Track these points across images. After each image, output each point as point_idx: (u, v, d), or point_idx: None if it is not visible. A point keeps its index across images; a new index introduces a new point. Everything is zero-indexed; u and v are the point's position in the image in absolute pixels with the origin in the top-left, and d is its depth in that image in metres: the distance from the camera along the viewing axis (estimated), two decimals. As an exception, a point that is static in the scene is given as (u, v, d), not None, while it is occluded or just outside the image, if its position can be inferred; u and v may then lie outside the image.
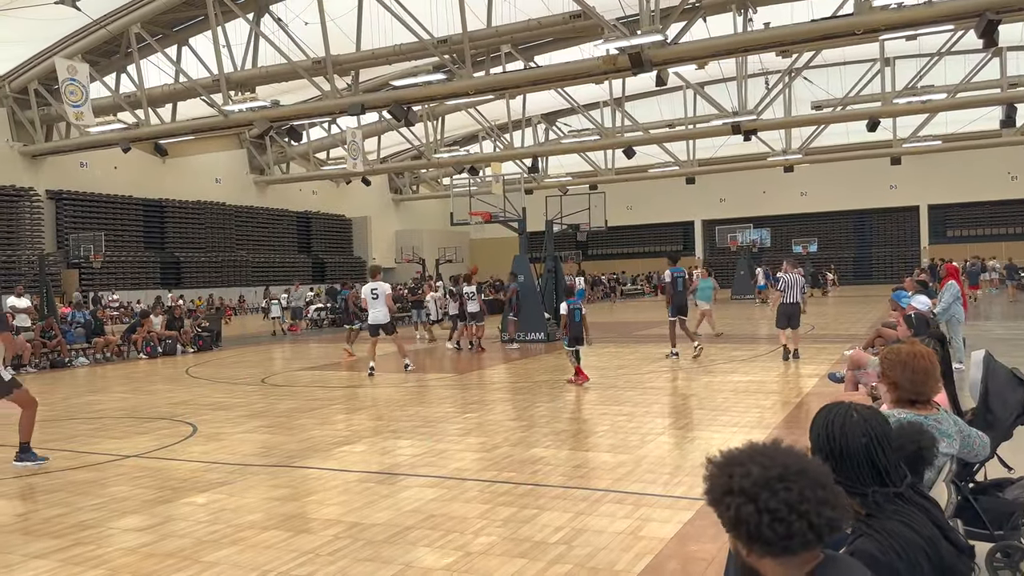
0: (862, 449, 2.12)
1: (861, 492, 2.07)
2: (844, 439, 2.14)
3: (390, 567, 4.31)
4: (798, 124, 32.11)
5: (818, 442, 2.17)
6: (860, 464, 2.11)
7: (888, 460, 2.12)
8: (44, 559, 4.68)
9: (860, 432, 2.13)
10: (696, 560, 4.27)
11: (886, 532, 2.00)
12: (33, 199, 29.24)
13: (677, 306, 13.73)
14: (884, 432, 2.16)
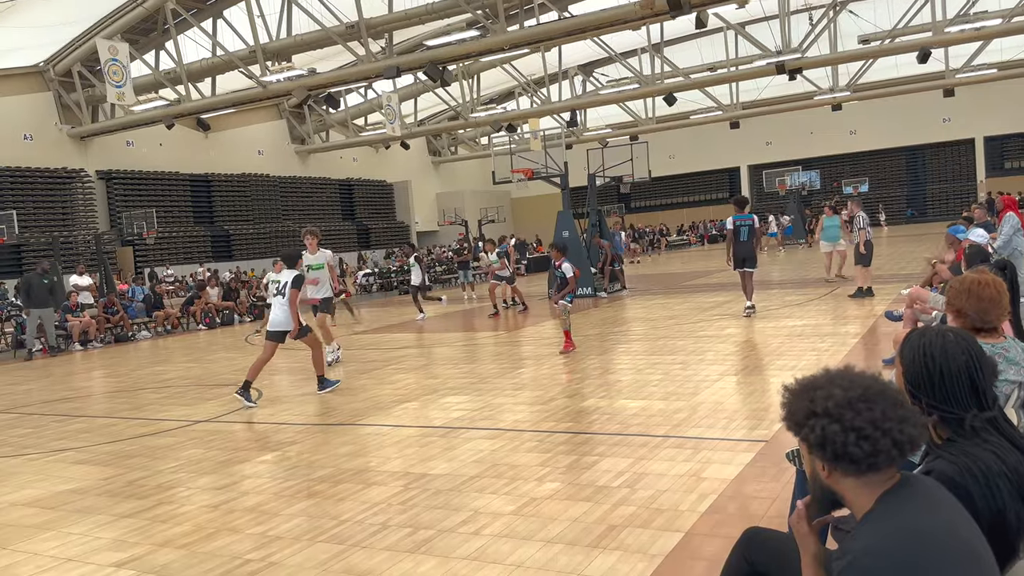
0: (963, 369, 2.07)
1: (958, 416, 2.04)
2: (944, 359, 2.08)
3: (460, 513, 4.46)
4: (845, 60, 31.00)
5: (913, 365, 2.12)
6: (961, 385, 2.07)
7: (986, 380, 2.09)
8: (132, 518, 4.94)
9: (960, 351, 2.09)
10: (759, 499, 4.32)
11: (966, 455, 1.99)
12: (84, 180, 29.97)
13: (741, 257, 12.07)
14: (980, 351, 2.12)
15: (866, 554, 1.60)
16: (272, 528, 4.50)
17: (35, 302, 15.64)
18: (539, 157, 19.92)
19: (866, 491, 1.70)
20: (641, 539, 3.88)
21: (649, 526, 4.03)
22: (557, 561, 3.70)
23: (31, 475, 6.25)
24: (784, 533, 2.47)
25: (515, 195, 45.06)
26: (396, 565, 3.82)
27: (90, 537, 4.66)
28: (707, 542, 3.79)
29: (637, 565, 3.58)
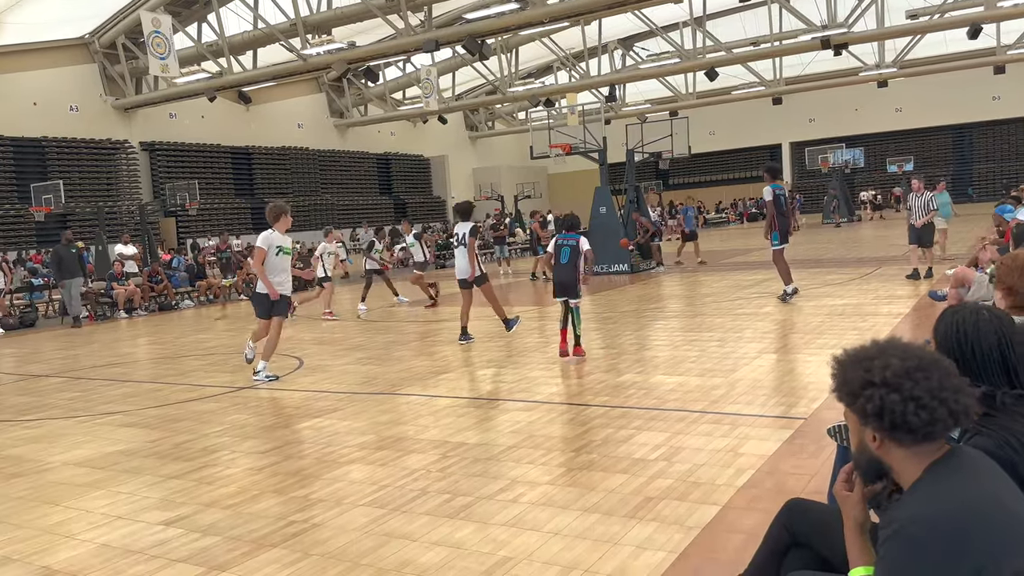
0: (995, 347, 2.12)
1: (990, 392, 2.08)
2: (976, 336, 2.13)
3: (499, 481, 4.52)
4: (892, 35, 30.17)
5: (946, 342, 2.17)
6: (992, 362, 2.11)
7: (1017, 358, 2.12)
8: (179, 479, 5.09)
9: (992, 330, 2.13)
10: (797, 475, 4.32)
11: (1004, 429, 2.01)
12: (128, 151, 30.50)
13: (785, 230, 11.16)
14: (1013, 330, 2.15)
15: (913, 522, 1.60)
16: (314, 491, 4.61)
17: (66, 273, 15.84)
18: (577, 132, 19.79)
19: (915, 461, 1.70)
20: (678, 511, 3.90)
21: (686, 499, 4.06)
22: (594, 530, 3.74)
23: (81, 436, 6.46)
24: (825, 504, 2.48)
25: (552, 171, 44.90)
26: (435, 530, 3.89)
27: (138, 496, 4.82)
28: (744, 515, 3.80)
29: (674, 536, 3.61)
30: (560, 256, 8.10)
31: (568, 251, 8.04)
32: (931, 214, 12.72)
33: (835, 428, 2.97)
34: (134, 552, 3.94)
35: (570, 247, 8.03)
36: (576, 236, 8.09)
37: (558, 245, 8.12)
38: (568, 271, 8.02)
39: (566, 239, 8.10)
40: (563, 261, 8.07)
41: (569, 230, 8.26)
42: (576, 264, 7.97)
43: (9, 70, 27.21)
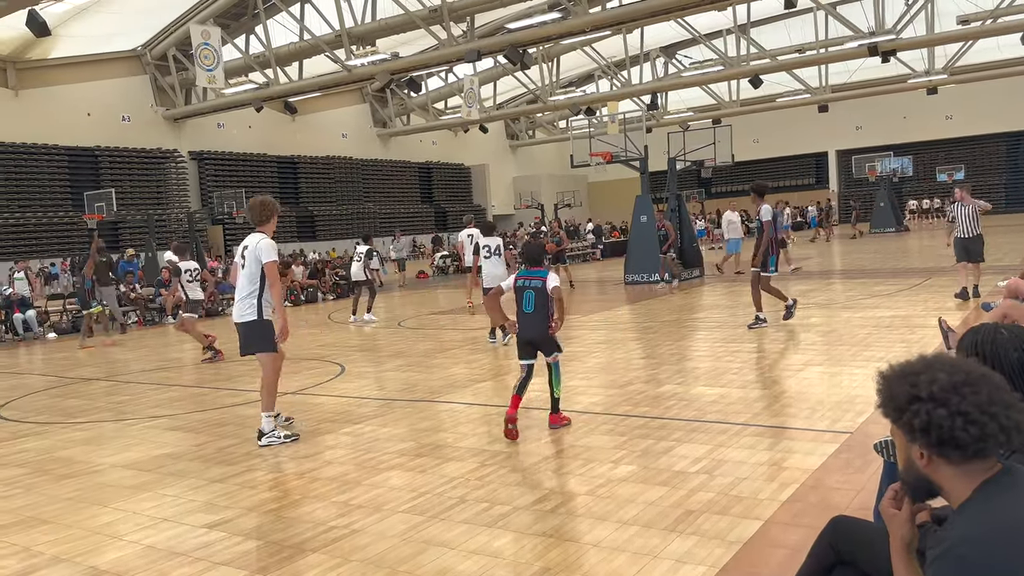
0: (1015, 364, 2.10)
1: None
2: (996, 355, 2.13)
3: (536, 491, 4.51)
4: (942, 41, 29.56)
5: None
6: (1013, 379, 2.07)
7: None
8: (222, 483, 5.17)
9: (1012, 347, 2.12)
10: (842, 490, 4.23)
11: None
12: (178, 160, 31.25)
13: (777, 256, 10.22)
14: None
15: (964, 542, 1.56)
16: (354, 497, 4.64)
17: (100, 280, 16.07)
18: (618, 140, 19.73)
19: (965, 480, 1.65)
20: (719, 525, 3.84)
21: (727, 513, 4.00)
22: (633, 543, 3.70)
23: (130, 439, 6.61)
24: (871, 523, 2.42)
25: (592, 179, 44.86)
26: (473, 538, 3.89)
27: (184, 499, 4.91)
28: (787, 531, 3.73)
29: (715, 551, 3.56)
30: (523, 302, 5.91)
31: (532, 295, 5.87)
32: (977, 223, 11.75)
33: (882, 443, 2.90)
34: (179, 554, 4.01)
35: (534, 289, 5.88)
36: (542, 273, 5.99)
37: (518, 288, 5.93)
38: (536, 322, 5.88)
39: (528, 278, 5.94)
40: (527, 309, 5.87)
41: (532, 264, 6.07)
42: (546, 310, 5.87)
43: (65, 82, 28.10)
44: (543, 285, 5.87)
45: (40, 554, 4.12)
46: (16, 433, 7.21)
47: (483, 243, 10.49)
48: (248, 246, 6.20)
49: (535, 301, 5.89)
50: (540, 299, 5.87)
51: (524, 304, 5.92)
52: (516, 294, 5.98)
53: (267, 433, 6.05)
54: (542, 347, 5.94)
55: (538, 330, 5.89)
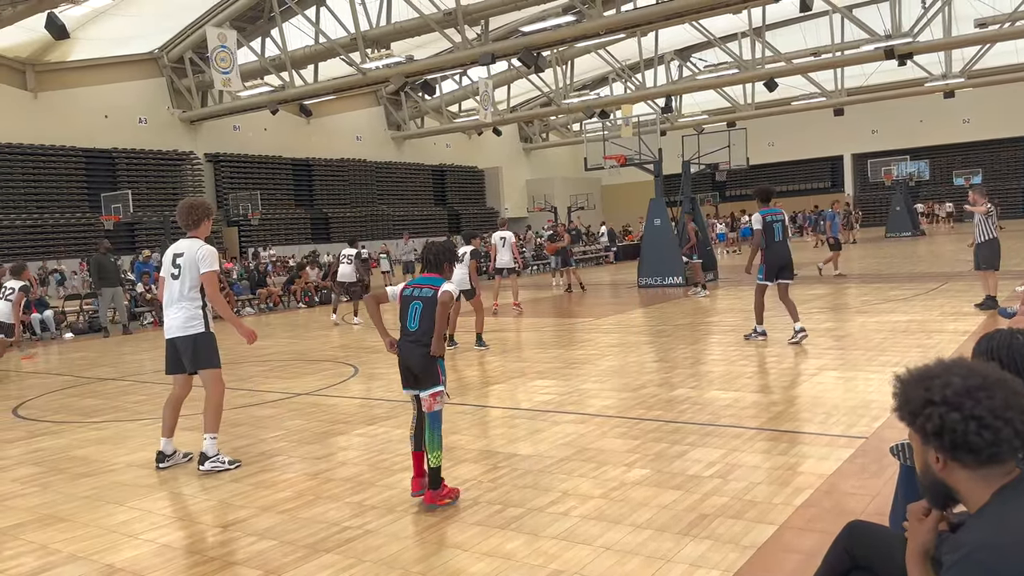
0: None
1: None
2: (1012, 360, 2.14)
3: (549, 494, 4.51)
4: (960, 45, 29.34)
5: None
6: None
7: None
8: (237, 483, 5.20)
9: None
10: (857, 495, 4.20)
11: None
12: (194, 162, 31.47)
13: (778, 265, 9.23)
14: None
15: (981, 548, 1.55)
16: (368, 498, 4.66)
17: (106, 281, 16.07)
18: (632, 143, 19.70)
19: (982, 484, 1.64)
20: (733, 530, 3.83)
21: (741, 517, 3.98)
22: (646, 546, 3.69)
23: (145, 439, 6.65)
24: (887, 528, 2.41)
25: (606, 182, 44.74)
26: (486, 540, 3.89)
27: (198, 499, 4.94)
28: (802, 536, 3.71)
29: (729, 555, 3.55)
30: (407, 317, 4.57)
31: (419, 308, 4.53)
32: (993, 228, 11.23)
33: (899, 446, 2.89)
34: (194, 553, 4.03)
35: (423, 300, 4.54)
36: (436, 281, 4.58)
37: (404, 298, 4.61)
38: (420, 344, 4.49)
39: (419, 286, 4.60)
40: (411, 326, 4.54)
41: (429, 270, 4.71)
42: (430, 326, 4.47)
43: (83, 84, 28.37)
44: (434, 296, 4.49)
45: (57, 552, 4.16)
46: (33, 432, 7.28)
47: (461, 250, 10.72)
48: (183, 253, 5.57)
49: (421, 316, 4.50)
50: (428, 314, 4.48)
51: (408, 319, 4.55)
52: (401, 306, 4.61)
53: (211, 457, 5.52)
54: (419, 378, 4.50)
55: (419, 354, 4.48)
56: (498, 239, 15.22)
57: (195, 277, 5.52)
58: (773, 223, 9.21)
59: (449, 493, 4.46)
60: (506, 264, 15.06)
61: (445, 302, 4.46)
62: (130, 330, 16.48)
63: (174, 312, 5.57)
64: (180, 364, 5.67)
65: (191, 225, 5.67)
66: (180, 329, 5.56)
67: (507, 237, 15.23)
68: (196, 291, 5.54)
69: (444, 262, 4.68)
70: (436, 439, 4.44)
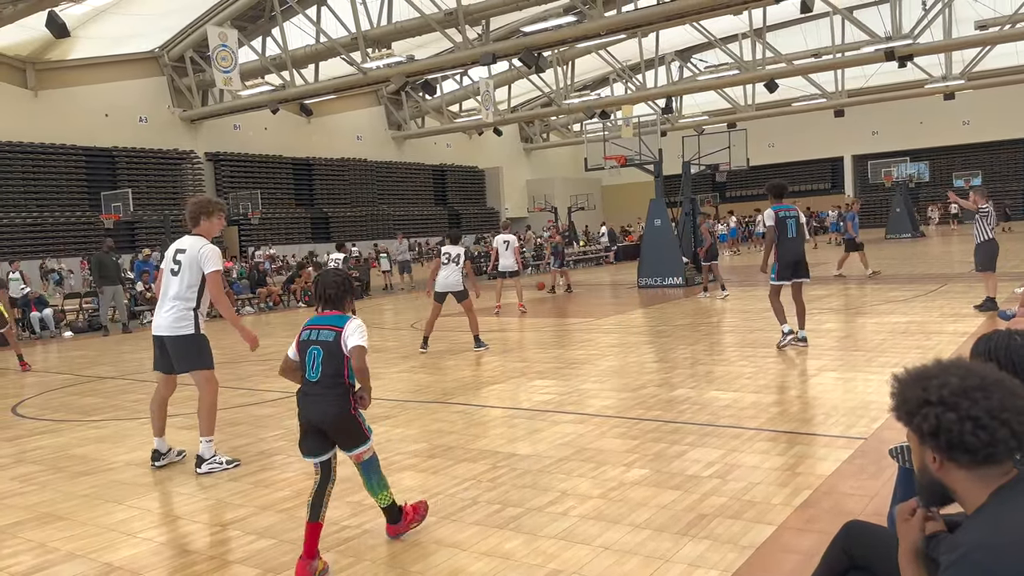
0: None
1: None
2: (1010, 361, 2.13)
3: (549, 493, 4.51)
4: (960, 47, 29.35)
5: None
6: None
7: None
8: (236, 482, 5.20)
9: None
10: (856, 496, 4.20)
11: None
12: (194, 161, 31.47)
13: (793, 261, 8.86)
14: None
15: (978, 548, 1.55)
16: (366, 498, 4.63)
17: (107, 280, 16.03)
18: (632, 144, 19.72)
19: (979, 485, 1.64)
20: (732, 530, 3.83)
21: (740, 517, 3.98)
22: (645, 546, 3.70)
23: (144, 438, 6.64)
24: (885, 528, 2.41)
25: (606, 182, 44.75)
26: (485, 540, 3.90)
27: (197, 498, 4.94)
28: (800, 536, 3.71)
29: (727, 555, 3.55)
30: (308, 366, 3.79)
31: (319, 354, 3.76)
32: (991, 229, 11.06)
33: (897, 448, 2.89)
34: (192, 552, 4.03)
35: (322, 346, 3.76)
36: (338, 321, 3.82)
37: (302, 343, 3.83)
38: (326, 397, 3.76)
39: (318, 327, 3.83)
40: (311, 376, 3.77)
41: (327, 306, 3.90)
42: (341, 379, 3.78)
43: (83, 83, 28.37)
44: (336, 340, 3.74)
45: (55, 550, 4.16)
46: (32, 430, 7.28)
47: (444, 250, 10.68)
48: (185, 250, 5.46)
49: (323, 364, 3.74)
50: (331, 362, 3.74)
51: (308, 368, 3.77)
52: (299, 352, 3.83)
53: (208, 459, 5.44)
54: (337, 438, 3.82)
55: (329, 409, 3.74)
56: (501, 242, 15.33)
57: (194, 276, 5.44)
58: (787, 219, 8.83)
59: (414, 517, 4.05)
60: (508, 267, 15.15)
61: (361, 366, 3.72)
62: (130, 329, 16.47)
63: (165, 310, 5.51)
64: (165, 361, 5.62)
65: (192, 222, 5.63)
66: (168, 328, 5.49)
67: (510, 241, 15.36)
68: (193, 291, 5.46)
69: (344, 296, 3.92)
70: (377, 483, 3.94)
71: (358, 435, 3.86)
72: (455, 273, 10.37)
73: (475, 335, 10.51)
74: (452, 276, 10.37)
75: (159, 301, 5.62)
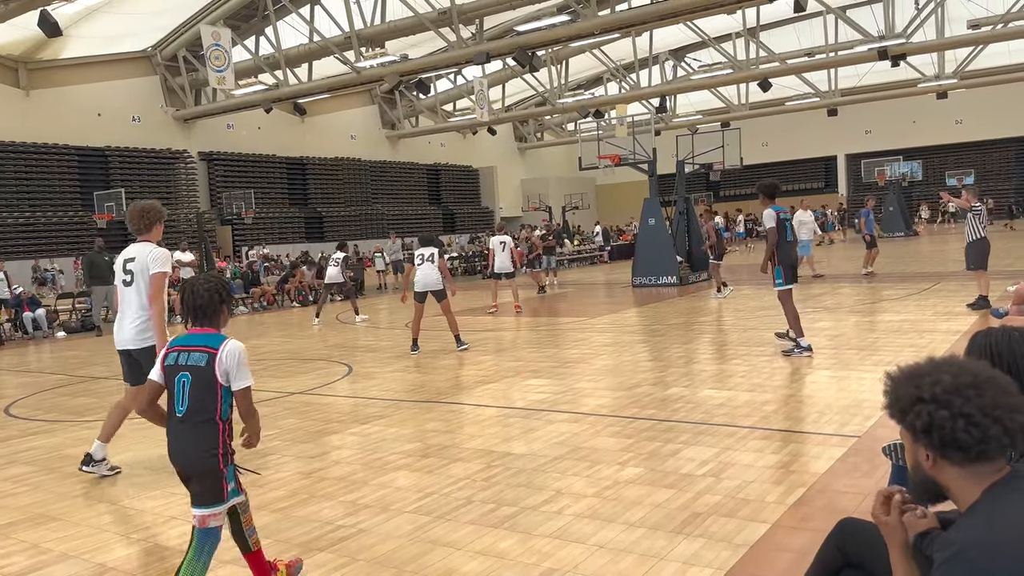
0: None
1: None
2: (1013, 354, 2.11)
3: (543, 492, 4.51)
4: (953, 46, 29.40)
5: None
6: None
7: None
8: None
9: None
10: (850, 494, 4.21)
11: None
12: (187, 161, 31.36)
13: (792, 266, 8.75)
14: None
15: (974, 546, 1.55)
16: (361, 497, 4.65)
17: (98, 279, 15.85)
18: (626, 143, 19.73)
19: (972, 482, 1.65)
20: (726, 528, 3.84)
21: (734, 516, 3.99)
22: (640, 544, 3.70)
23: (137, 438, 6.63)
24: (879, 526, 2.42)
25: (600, 182, 44.81)
26: (480, 539, 3.90)
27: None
28: (794, 535, 3.72)
29: (721, 553, 3.56)
30: (175, 397, 3.16)
31: (188, 382, 3.14)
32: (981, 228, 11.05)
33: (890, 447, 2.90)
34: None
35: (192, 372, 3.13)
36: (211, 341, 3.17)
37: (168, 368, 3.19)
38: (192, 435, 3.13)
39: (187, 348, 3.18)
40: (179, 410, 3.15)
41: (198, 321, 3.26)
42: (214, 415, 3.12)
43: (75, 82, 28.24)
44: (210, 365, 3.09)
45: (48, 551, 4.14)
46: (25, 431, 7.26)
47: (417, 253, 10.60)
48: (134, 258, 5.30)
49: (191, 393, 3.11)
50: (202, 393, 3.10)
51: (176, 398, 3.15)
52: (166, 379, 3.19)
53: (97, 461, 5.50)
54: (192, 487, 3.16)
55: (192, 451, 3.12)
56: (497, 243, 15.45)
57: (148, 282, 5.29)
58: (786, 221, 8.65)
59: None
60: (505, 268, 15.21)
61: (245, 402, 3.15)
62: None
63: (128, 322, 5.35)
64: (135, 374, 5.39)
65: (143, 229, 5.44)
66: (132, 341, 5.35)
67: (506, 242, 15.50)
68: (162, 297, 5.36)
69: (218, 307, 3.24)
70: (200, 569, 3.14)
71: (214, 491, 3.09)
72: (432, 272, 10.30)
73: (455, 335, 10.46)
74: (430, 275, 10.29)
75: (119, 314, 5.49)
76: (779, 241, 8.52)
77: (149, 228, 5.45)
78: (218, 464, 3.10)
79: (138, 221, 5.42)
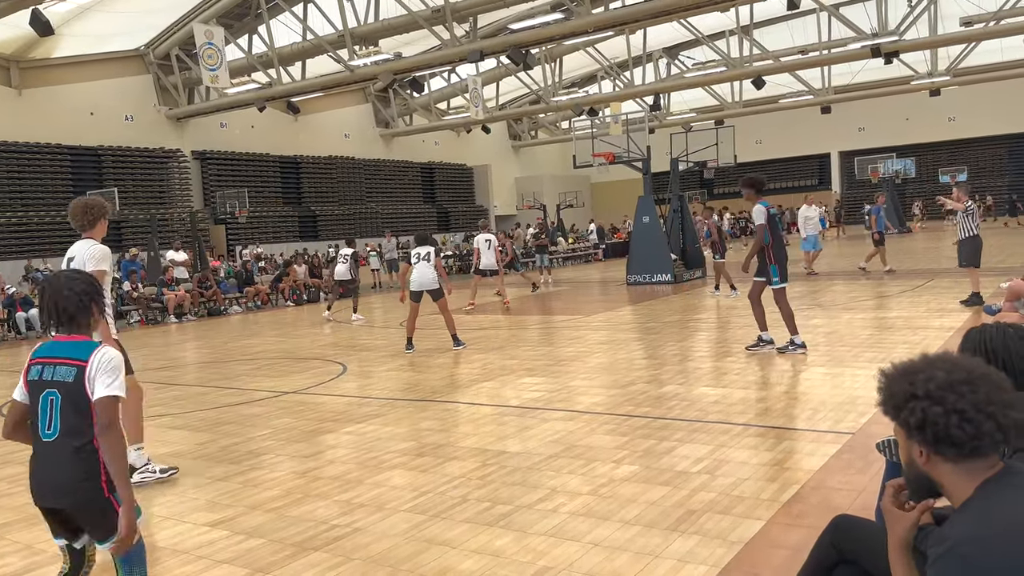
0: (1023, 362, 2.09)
1: None
2: (1007, 351, 2.11)
3: (538, 491, 4.51)
4: (946, 43, 29.46)
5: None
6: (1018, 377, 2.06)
7: None
8: (225, 481, 5.18)
9: (1021, 346, 2.12)
10: (844, 491, 4.23)
11: None
12: (180, 160, 31.24)
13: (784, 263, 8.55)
14: None
15: (966, 541, 1.56)
16: (356, 496, 4.65)
17: None
18: (621, 141, 19.74)
19: (966, 478, 1.65)
20: (721, 525, 3.84)
21: (729, 513, 4.00)
22: (635, 542, 3.71)
23: (132, 437, 6.61)
24: (873, 522, 2.42)
25: (595, 180, 44.83)
26: (475, 537, 3.90)
27: (186, 498, 4.91)
28: (789, 531, 3.73)
29: (716, 550, 3.56)
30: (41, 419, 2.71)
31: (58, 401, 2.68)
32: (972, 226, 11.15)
33: (884, 443, 2.90)
34: (181, 552, 4.01)
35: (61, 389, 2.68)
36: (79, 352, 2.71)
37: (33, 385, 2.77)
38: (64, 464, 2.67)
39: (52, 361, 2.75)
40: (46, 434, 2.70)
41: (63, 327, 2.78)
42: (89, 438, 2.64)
43: (68, 81, 28.12)
44: (79, 380, 2.65)
45: (42, 552, 4.13)
46: (19, 431, 7.22)
47: (414, 251, 10.60)
48: (74, 256, 5.09)
49: (63, 413, 2.67)
50: (73, 412, 2.66)
51: (41, 420, 2.71)
52: (30, 397, 2.76)
53: (139, 468, 5.15)
54: (83, 522, 2.77)
55: (69, 484, 2.67)
56: (482, 241, 15.64)
57: None
58: (776, 216, 8.39)
59: None
60: (490, 266, 15.44)
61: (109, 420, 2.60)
62: (116, 329, 16.38)
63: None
64: None
65: (86, 226, 5.23)
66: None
67: (491, 239, 15.69)
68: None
69: (87, 310, 2.74)
70: None
71: (110, 524, 2.64)
72: (428, 271, 10.28)
73: (452, 334, 10.44)
74: (427, 274, 10.26)
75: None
76: (773, 238, 8.34)
77: (92, 224, 5.26)
78: (101, 492, 2.61)
79: (81, 217, 5.24)
